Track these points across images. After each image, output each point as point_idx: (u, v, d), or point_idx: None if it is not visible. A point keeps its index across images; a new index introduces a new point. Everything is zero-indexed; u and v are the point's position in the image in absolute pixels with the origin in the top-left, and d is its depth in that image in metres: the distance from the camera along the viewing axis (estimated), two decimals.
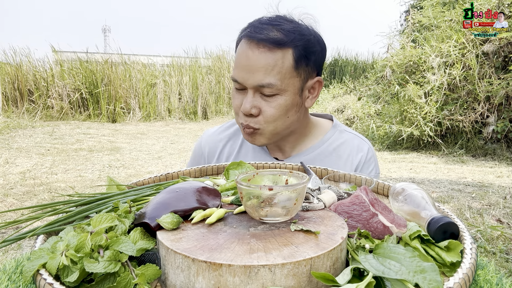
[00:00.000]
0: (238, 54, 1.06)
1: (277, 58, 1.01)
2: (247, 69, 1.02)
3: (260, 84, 1.02)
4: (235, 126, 1.32)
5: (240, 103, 1.07)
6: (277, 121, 1.07)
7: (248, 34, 1.03)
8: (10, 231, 2.64)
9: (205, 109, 11.16)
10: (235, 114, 1.14)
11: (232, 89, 1.13)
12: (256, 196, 0.59)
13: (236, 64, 1.06)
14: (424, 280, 0.45)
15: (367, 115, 8.12)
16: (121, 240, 0.51)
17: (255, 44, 1.02)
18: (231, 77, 1.10)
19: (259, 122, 1.07)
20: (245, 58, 1.03)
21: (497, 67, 5.86)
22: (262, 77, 1.01)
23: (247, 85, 1.04)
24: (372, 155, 1.23)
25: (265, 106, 1.05)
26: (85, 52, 10.37)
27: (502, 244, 2.49)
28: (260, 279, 0.46)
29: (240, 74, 1.04)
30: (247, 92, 1.05)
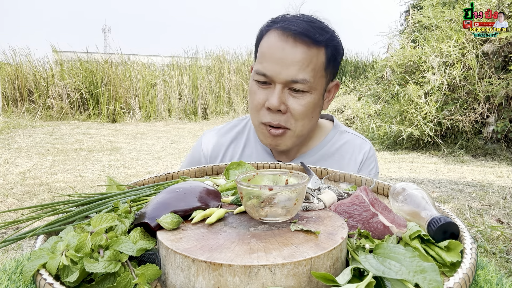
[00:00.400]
0: (268, 46, 0.99)
1: (312, 54, 0.98)
2: (280, 62, 0.97)
3: (294, 79, 0.97)
4: (236, 128, 1.27)
5: (264, 99, 1.01)
6: (305, 119, 1.03)
7: (283, 26, 0.98)
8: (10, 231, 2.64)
9: (205, 109, 11.16)
10: (253, 112, 1.06)
11: (251, 84, 1.05)
12: (256, 196, 0.59)
13: (264, 56, 0.99)
14: (424, 280, 0.45)
15: (367, 115, 8.12)
16: (121, 240, 0.51)
17: (291, 37, 0.97)
18: (255, 70, 1.02)
19: (288, 120, 1.02)
20: (280, 50, 0.97)
21: (497, 67, 5.85)
22: (296, 72, 0.97)
23: (278, 79, 0.98)
24: (373, 154, 1.23)
25: (294, 103, 1.00)
26: (85, 52, 10.37)
27: (502, 244, 2.49)
28: (260, 279, 0.46)
29: (271, 67, 0.97)
30: (273, 88, 1.00)
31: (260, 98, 1.02)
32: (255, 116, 1.06)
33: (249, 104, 1.08)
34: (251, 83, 1.06)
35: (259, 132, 1.08)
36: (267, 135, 1.06)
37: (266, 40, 1.01)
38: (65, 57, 10.35)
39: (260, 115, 1.04)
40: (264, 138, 1.07)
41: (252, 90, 1.05)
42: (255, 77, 1.02)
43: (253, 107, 1.05)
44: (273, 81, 0.99)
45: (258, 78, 1.01)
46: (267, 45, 1.00)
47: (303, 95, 1.00)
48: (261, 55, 1.01)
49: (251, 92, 1.06)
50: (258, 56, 1.03)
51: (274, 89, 0.99)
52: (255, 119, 1.07)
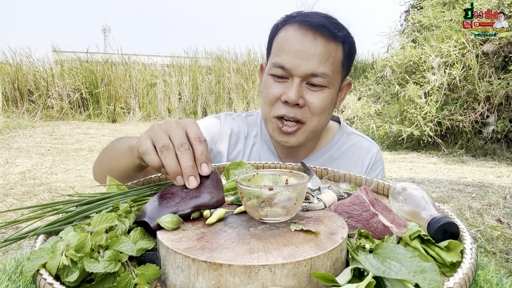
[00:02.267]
0: (286, 39, 0.98)
1: (332, 49, 0.97)
2: (300, 55, 0.95)
3: (314, 72, 0.95)
4: (256, 124, 1.22)
5: (280, 92, 0.99)
6: (322, 115, 1.01)
7: (301, 20, 0.97)
8: (10, 231, 2.64)
9: (205, 109, 11.16)
10: (266, 105, 1.03)
11: (265, 78, 1.03)
12: (256, 196, 0.59)
13: (283, 49, 0.97)
14: (424, 280, 0.45)
15: (367, 115, 8.12)
16: (121, 240, 0.51)
17: (311, 30, 0.95)
18: (273, 63, 0.99)
19: (305, 114, 0.99)
20: (300, 43, 0.95)
21: (497, 67, 5.86)
22: (316, 65, 0.95)
23: (297, 72, 0.96)
24: (380, 157, 1.21)
25: (312, 97, 0.98)
26: (85, 52, 10.37)
27: (502, 244, 2.49)
28: (260, 279, 0.46)
29: (291, 59, 0.95)
30: (290, 81, 0.98)
31: (276, 92, 0.99)
32: (267, 110, 1.03)
33: (263, 98, 1.05)
34: (266, 77, 1.03)
35: (269, 126, 1.05)
36: (278, 131, 1.03)
37: (284, 34, 0.99)
38: (65, 57, 10.35)
39: (274, 109, 1.01)
40: (274, 132, 1.04)
41: (267, 84, 1.02)
42: (272, 71, 1.00)
43: (267, 101, 1.02)
44: (291, 74, 0.97)
45: (275, 71, 0.99)
46: (285, 38, 0.98)
47: (321, 89, 0.99)
48: (278, 48, 0.99)
49: (265, 86, 1.02)
50: (275, 50, 1.00)
51: (292, 82, 0.97)
52: (267, 112, 1.04)
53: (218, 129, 1.19)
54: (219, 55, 11.98)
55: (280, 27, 1.02)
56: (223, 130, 1.19)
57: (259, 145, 1.19)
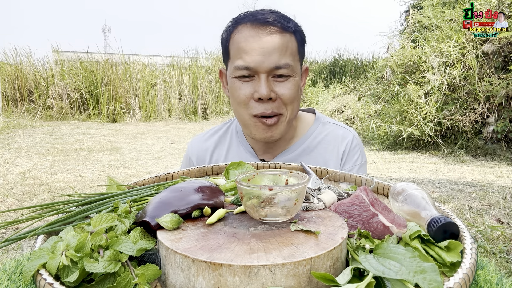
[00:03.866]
0: (243, 40, 1.01)
1: (287, 40, 1.01)
2: (261, 52, 0.98)
3: (277, 65, 0.99)
4: (219, 132, 1.28)
5: (250, 92, 1.02)
6: (294, 103, 1.05)
7: (253, 19, 1.01)
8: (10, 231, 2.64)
9: (205, 109, 11.16)
10: (240, 108, 1.05)
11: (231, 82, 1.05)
12: (256, 196, 0.59)
13: (243, 49, 1.00)
14: (424, 280, 0.45)
15: (367, 115, 8.12)
16: (121, 240, 0.51)
17: (264, 27, 0.99)
18: (236, 66, 1.02)
19: (280, 106, 1.03)
20: (258, 40, 0.99)
21: (497, 67, 5.85)
22: (278, 58, 0.99)
23: (262, 69, 0.99)
24: (357, 143, 1.21)
25: (281, 88, 1.02)
26: (85, 52, 10.37)
27: (502, 244, 2.49)
28: (260, 279, 0.46)
29: (253, 58, 0.99)
30: (257, 79, 1.01)
31: (247, 92, 1.02)
32: (243, 111, 1.06)
33: (234, 102, 1.07)
34: (231, 81, 1.05)
35: (251, 127, 1.07)
36: (261, 128, 1.06)
37: (239, 36, 1.02)
38: (65, 57, 10.35)
39: (249, 109, 1.04)
40: (258, 131, 1.07)
41: (235, 87, 1.04)
42: (237, 73, 1.02)
43: (240, 103, 1.05)
44: (257, 71, 1.00)
45: (241, 73, 1.01)
46: (242, 39, 1.01)
47: (287, 79, 1.03)
48: (237, 50, 1.02)
49: (234, 89, 1.05)
50: (234, 53, 1.03)
51: (259, 79, 1.00)
52: (244, 114, 1.06)
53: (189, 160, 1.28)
54: (219, 55, 11.97)
55: (232, 30, 1.04)
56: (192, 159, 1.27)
57: (235, 148, 1.22)
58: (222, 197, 0.67)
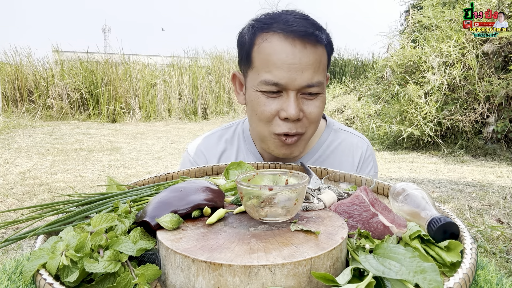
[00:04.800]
0: (274, 52, 0.91)
1: (320, 54, 0.93)
2: (294, 68, 0.89)
3: (310, 83, 0.91)
4: (224, 137, 1.20)
5: (276, 109, 0.93)
6: (318, 121, 0.99)
7: (286, 29, 0.90)
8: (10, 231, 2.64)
9: (205, 109, 11.16)
10: (262, 123, 0.97)
11: (255, 95, 0.95)
12: (256, 196, 0.59)
13: (273, 63, 0.90)
14: (424, 280, 0.45)
15: (367, 115, 8.12)
16: (121, 240, 0.51)
17: (298, 39, 0.90)
18: (263, 80, 0.92)
19: (304, 125, 0.96)
20: (291, 55, 0.89)
21: (497, 67, 5.85)
22: (311, 76, 0.91)
23: (293, 86, 0.91)
24: (371, 153, 1.19)
25: (310, 107, 0.95)
26: (85, 52, 10.37)
27: (502, 244, 2.49)
28: (260, 279, 0.46)
29: (285, 74, 0.90)
30: (285, 96, 0.92)
31: (272, 109, 0.94)
32: (264, 128, 0.98)
33: (255, 116, 0.98)
34: (254, 94, 0.95)
35: (270, 144, 1.00)
36: (280, 145, 0.99)
37: (268, 45, 0.92)
38: (65, 57, 10.35)
39: (272, 126, 0.96)
40: (277, 148, 1.00)
41: (259, 102, 0.94)
42: (262, 88, 0.93)
43: (263, 119, 0.96)
44: (286, 88, 0.91)
45: (269, 88, 0.92)
46: (272, 51, 0.91)
47: (316, 97, 0.96)
48: (265, 63, 0.92)
49: (257, 104, 0.95)
50: (261, 64, 0.93)
51: (288, 97, 0.92)
52: (265, 130, 0.98)
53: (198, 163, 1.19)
54: (219, 55, 11.98)
55: (257, 34, 0.94)
56: (199, 163, 1.18)
57: (244, 155, 1.16)
58: (222, 197, 0.67)
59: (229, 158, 1.17)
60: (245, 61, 0.99)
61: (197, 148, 1.20)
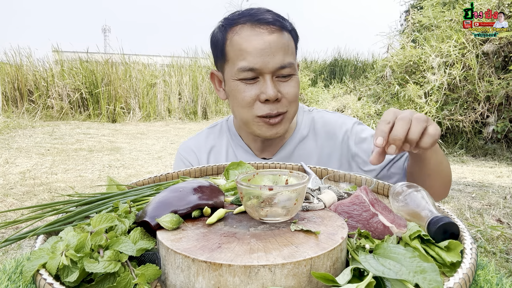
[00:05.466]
0: (245, 41, 0.99)
1: (287, 38, 1.02)
2: (266, 52, 0.98)
3: (282, 64, 0.99)
4: (212, 135, 1.26)
5: (255, 94, 1.01)
6: (296, 101, 1.06)
7: (252, 19, 1.00)
8: (10, 231, 2.64)
9: (205, 109, 11.16)
10: (244, 109, 1.04)
11: (234, 84, 1.03)
12: (256, 196, 0.59)
13: (246, 51, 0.99)
14: (424, 280, 0.45)
15: (367, 115, 8.11)
16: (121, 240, 0.51)
17: (265, 27, 0.99)
18: (240, 68, 1.00)
19: (284, 105, 1.04)
20: (261, 41, 0.98)
21: (497, 67, 5.85)
22: (283, 57, 0.99)
23: (267, 70, 0.99)
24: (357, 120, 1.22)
25: (286, 87, 1.03)
26: (85, 52, 10.37)
27: (502, 244, 2.49)
28: (260, 279, 0.46)
29: (258, 59, 0.98)
30: (262, 80, 1.00)
31: (252, 94, 1.01)
32: (247, 113, 1.05)
33: (237, 103, 1.06)
34: (233, 83, 1.03)
35: (255, 127, 1.06)
36: (265, 127, 1.05)
37: (239, 37, 1.00)
38: (65, 57, 10.35)
39: (254, 110, 1.03)
40: (261, 131, 1.06)
41: (238, 89, 1.03)
42: (240, 75, 1.01)
43: (244, 105, 1.04)
44: (262, 73, 1.00)
45: (245, 75, 1.00)
46: (243, 40, 1.00)
47: (290, 78, 1.04)
48: (239, 53, 1.00)
49: (237, 92, 1.03)
50: (235, 55, 1.01)
51: (265, 81, 1.00)
52: (248, 115, 1.05)
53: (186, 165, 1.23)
54: None
55: (227, 30, 1.03)
56: (192, 163, 1.24)
57: (233, 149, 1.22)
58: (222, 197, 0.67)
59: (219, 152, 1.23)
60: (221, 58, 1.07)
61: (187, 147, 1.27)
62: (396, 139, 0.72)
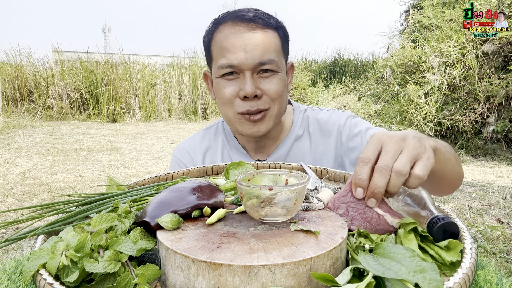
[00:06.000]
0: (225, 38, 1.00)
1: (270, 36, 1.01)
2: (244, 49, 0.98)
3: (261, 61, 0.99)
4: (207, 136, 1.26)
5: (235, 90, 1.02)
6: (280, 98, 1.05)
7: (233, 17, 1.00)
8: (10, 231, 2.64)
9: (205, 109, 11.16)
10: (226, 106, 1.05)
11: (216, 82, 1.05)
12: (256, 196, 0.59)
13: (225, 48, 1.00)
14: (424, 279, 0.45)
15: (367, 115, 8.12)
16: (121, 240, 0.51)
17: (245, 24, 0.99)
18: (219, 65, 1.01)
19: (266, 102, 1.03)
20: (240, 38, 0.98)
21: (497, 67, 5.85)
22: (262, 54, 0.99)
23: (246, 66, 0.99)
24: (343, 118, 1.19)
25: (267, 84, 1.02)
26: (86, 52, 10.37)
27: (502, 244, 2.49)
28: (260, 279, 0.46)
29: (237, 55, 0.98)
30: (242, 77, 1.00)
31: (232, 90, 1.02)
32: (229, 110, 1.05)
33: (219, 101, 1.07)
34: (216, 81, 1.05)
35: (237, 124, 1.06)
36: (246, 124, 1.05)
37: (220, 35, 1.01)
38: (65, 57, 10.35)
39: (235, 107, 1.03)
40: (243, 128, 1.06)
41: (220, 86, 1.04)
42: (220, 72, 1.02)
43: (225, 101, 1.04)
44: (241, 69, 1.00)
45: (224, 71, 1.01)
46: (223, 38, 1.00)
47: (272, 75, 1.02)
48: (219, 50, 1.01)
49: (219, 89, 1.04)
50: (216, 53, 1.02)
51: (244, 77, 1.00)
52: (229, 112, 1.05)
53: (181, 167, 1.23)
54: None
55: (213, 30, 1.04)
56: (187, 165, 1.23)
57: (228, 150, 1.22)
58: (222, 197, 0.67)
59: (214, 154, 1.23)
60: (208, 57, 1.09)
61: (182, 149, 1.26)
62: (376, 193, 0.61)
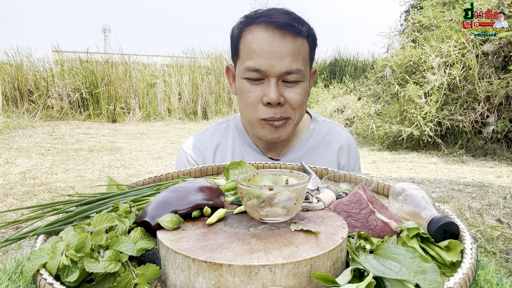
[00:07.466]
0: (256, 41, 0.99)
1: (300, 44, 1.01)
2: (273, 56, 0.98)
3: (289, 70, 0.99)
4: (217, 132, 1.25)
5: (259, 95, 1.01)
6: (302, 107, 1.06)
7: (266, 21, 0.99)
8: (10, 231, 2.64)
9: (205, 109, 11.16)
10: (249, 110, 1.05)
11: (241, 83, 1.04)
12: (256, 196, 0.59)
13: (255, 52, 0.99)
14: (425, 280, 0.45)
15: (367, 115, 8.12)
16: (121, 240, 0.51)
17: (278, 30, 0.98)
18: (246, 67, 1.01)
19: (288, 110, 1.03)
20: (271, 44, 0.98)
21: (497, 67, 5.85)
22: (290, 63, 0.98)
23: (273, 73, 0.99)
24: (353, 142, 1.28)
25: (290, 93, 1.02)
26: (86, 52, 10.37)
27: (502, 244, 2.49)
28: (260, 279, 0.46)
29: (265, 61, 0.98)
30: (267, 82, 1.00)
31: (256, 95, 1.02)
32: (251, 114, 1.05)
33: (242, 103, 1.07)
34: (240, 82, 1.05)
35: (258, 129, 1.07)
36: (269, 130, 1.06)
37: (251, 36, 1.01)
38: (65, 57, 10.35)
39: (258, 112, 1.03)
40: (266, 133, 1.07)
41: (244, 89, 1.04)
42: (246, 75, 1.02)
43: (248, 105, 1.04)
44: (267, 75, 0.99)
45: (250, 75, 1.01)
46: (254, 40, 1.00)
47: (296, 84, 1.03)
48: (248, 51, 1.01)
49: (243, 91, 1.04)
50: (245, 53, 1.02)
51: (269, 83, 1.00)
52: (252, 116, 1.05)
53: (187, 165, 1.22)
54: (218, 55, 11.97)
55: (243, 28, 1.03)
56: (197, 162, 1.22)
57: (240, 146, 1.22)
58: (222, 197, 0.67)
59: (225, 150, 1.22)
60: (234, 53, 1.08)
61: (193, 145, 1.25)
62: None
